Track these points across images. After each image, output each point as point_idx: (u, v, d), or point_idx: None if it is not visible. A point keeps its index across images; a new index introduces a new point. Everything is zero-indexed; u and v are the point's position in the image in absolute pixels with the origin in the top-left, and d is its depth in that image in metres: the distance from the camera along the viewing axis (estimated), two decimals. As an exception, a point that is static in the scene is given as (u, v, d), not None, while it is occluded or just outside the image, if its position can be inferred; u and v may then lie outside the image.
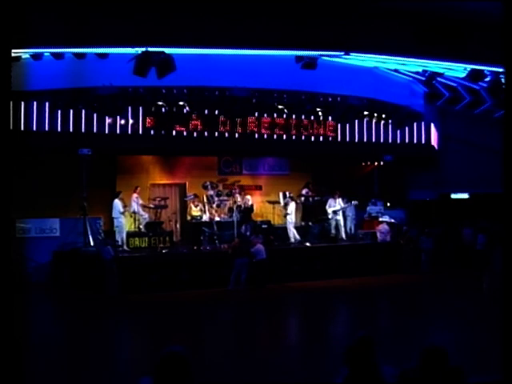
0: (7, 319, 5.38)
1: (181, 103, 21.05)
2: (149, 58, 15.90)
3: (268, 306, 17.04)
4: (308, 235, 22.36)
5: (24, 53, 17.16)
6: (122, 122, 20.88)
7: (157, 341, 12.83)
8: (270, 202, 23.16)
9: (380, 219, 23.26)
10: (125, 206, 19.84)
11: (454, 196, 25.89)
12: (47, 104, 19.97)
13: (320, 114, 23.20)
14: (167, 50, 16.07)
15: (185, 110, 21.27)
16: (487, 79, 19.91)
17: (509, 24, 5.99)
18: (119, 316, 16.00)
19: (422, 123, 25.53)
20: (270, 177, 25.14)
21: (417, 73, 23.02)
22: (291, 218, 21.90)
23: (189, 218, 21.71)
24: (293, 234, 21.81)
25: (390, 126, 24.56)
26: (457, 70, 20.43)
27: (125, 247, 19.54)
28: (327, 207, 22.79)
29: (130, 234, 20.08)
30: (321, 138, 23.73)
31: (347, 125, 24.04)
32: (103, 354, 11.87)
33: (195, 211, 21.38)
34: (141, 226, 20.54)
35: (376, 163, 25.41)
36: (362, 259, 21.06)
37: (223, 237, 20.71)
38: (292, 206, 21.96)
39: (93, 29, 15.71)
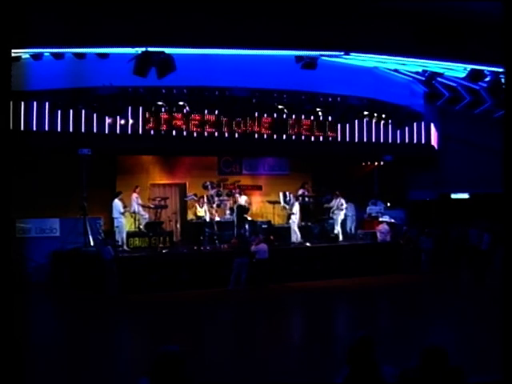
0: (7, 319, 5.38)
1: (181, 103, 21.05)
2: (149, 58, 15.89)
3: (268, 306, 17.04)
4: (308, 235, 22.36)
5: (24, 53, 17.15)
6: (122, 122, 20.88)
7: (157, 341, 12.82)
8: (270, 202, 23.15)
9: (380, 219, 23.26)
10: (125, 207, 19.84)
11: (454, 196, 25.89)
12: (47, 104, 19.97)
13: (320, 113, 23.20)
14: (167, 50, 16.07)
15: (185, 110, 21.27)
16: (487, 79, 19.91)
17: (509, 24, 5.99)
18: (119, 316, 16.01)
19: (422, 123, 25.53)
20: (270, 177, 25.13)
21: (417, 73, 23.01)
22: (296, 218, 21.89)
23: (194, 218, 21.68)
24: (296, 234, 21.79)
25: (389, 126, 24.55)
26: (457, 70, 20.42)
27: (125, 247, 19.54)
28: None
29: (130, 234, 20.08)
30: (321, 138, 23.73)
31: (347, 125, 24.03)
32: (103, 354, 11.87)
33: (200, 211, 21.34)
34: (141, 226, 20.54)
35: (376, 163, 25.39)
36: (361, 259, 21.05)
37: (223, 237, 20.71)
38: (297, 206, 21.96)
39: (93, 29, 15.69)
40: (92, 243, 19.40)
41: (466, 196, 25.88)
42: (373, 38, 17.61)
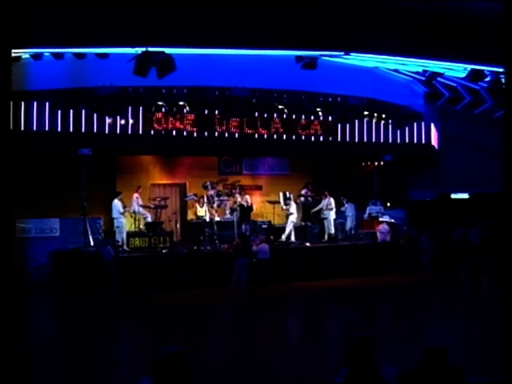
0: (7, 319, 5.37)
1: (181, 103, 21.05)
2: (149, 58, 15.90)
3: (268, 306, 17.04)
4: (308, 235, 22.36)
5: (24, 53, 17.15)
6: (122, 122, 20.87)
7: (157, 341, 12.83)
8: (270, 202, 23.14)
9: (380, 219, 23.25)
10: (124, 207, 19.83)
11: (453, 196, 25.88)
12: (47, 104, 19.95)
13: (320, 113, 23.20)
14: (167, 50, 16.07)
15: (185, 110, 21.27)
16: (487, 79, 19.92)
17: (509, 24, 5.99)
18: (119, 316, 16.00)
19: (422, 123, 25.51)
20: (270, 177, 25.14)
21: (417, 73, 23.01)
22: (294, 218, 21.90)
23: (194, 218, 21.67)
24: (289, 232, 21.76)
25: (390, 126, 24.53)
26: (457, 70, 20.44)
27: (125, 247, 19.52)
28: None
29: (130, 234, 20.07)
30: (321, 138, 23.73)
31: (347, 125, 24.03)
32: (103, 354, 11.87)
33: (200, 211, 21.33)
34: (141, 226, 20.54)
35: (376, 163, 25.39)
36: (362, 259, 21.06)
37: (223, 237, 20.70)
38: (294, 206, 21.97)
39: (93, 29, 15.71)
40: (92, 243, 19.40)
41: (466, 196, 25.88)
42: (373, 38, 17.63)
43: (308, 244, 21.47)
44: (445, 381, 5.10)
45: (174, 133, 21.47)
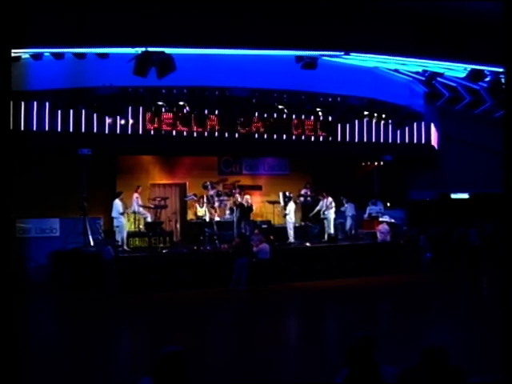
0: (7, 319, 5.37)
1: (181, 103, 21.05)
2: (149, 58, 15.89)
3: (268, 306, 17.04)
4: (308, 235, 22.36)
5: (24, 53, 17.15)
6: (122, 122, 20.88)
7: (157, 341, 12.83)
8: (270, 202, 23.16)
9: (380, 219, 23.26)
10: (125, 207, 19.83)
11: (453, 196, 25.89)
12: (47, 104, 19.96)
13: (320, 113, 23.20)
14: (167, 50, 16.07)
15: (185, 110, 21.28)
16: (487, 79, 19.92)
17: (509, 24, 5.99)
18: (119, 316, 16.01)
19: (422, 123, 25.53)
20: (270, 177, 25.14)
21: (417, 73, 23.01)
22: (291, 218, 21.91)
23: (194, 218, 21.67)
24: (290, 235, 21.79)
25: (389, 126, 24.54)
26: (457, 70, 20.44)
27: (125, 247, 19.53)
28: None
29: (130, 234, 20.08)
30: (321, 138, 23.73)
31: (347, 125, 24.03)
32: (103, 354, 11.87)
33: (200, 211, 21.32)
34: (141, 226, 20.54)
35: (376, 163, 25.39)
36: (361, 259, 21.06)
37: (223, 237, 20.71)
38: (290, 206, 21.96)
39: (93, 29, 15.70)
40: (92, 243, 19.41)
41: (465, 196, 25.88)
42: (373, 38, 17.62)
43: (308, 244, 21.48)
44: (445, 381, 5.10)
45: (173, 133, 21.48)
